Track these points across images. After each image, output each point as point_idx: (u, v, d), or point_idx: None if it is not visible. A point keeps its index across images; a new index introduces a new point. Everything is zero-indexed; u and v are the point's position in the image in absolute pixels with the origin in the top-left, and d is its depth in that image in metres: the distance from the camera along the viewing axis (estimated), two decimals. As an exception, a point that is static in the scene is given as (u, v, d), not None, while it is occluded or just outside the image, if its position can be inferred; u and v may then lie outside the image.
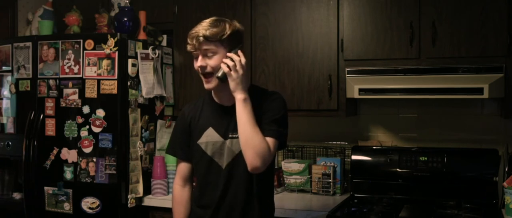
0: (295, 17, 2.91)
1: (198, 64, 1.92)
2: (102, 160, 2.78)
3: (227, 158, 1.97)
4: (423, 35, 2.64)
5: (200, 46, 1.89)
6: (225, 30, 1.89)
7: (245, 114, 1.86)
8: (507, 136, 2.79)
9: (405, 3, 2.67)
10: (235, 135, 1.93)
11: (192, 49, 1.91)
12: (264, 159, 1.84)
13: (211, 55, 1.89)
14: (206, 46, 1.88)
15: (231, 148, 1.96)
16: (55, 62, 2.88)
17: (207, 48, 1.89)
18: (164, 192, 2.94)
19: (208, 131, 2.00)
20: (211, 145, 1.99)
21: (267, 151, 1.84)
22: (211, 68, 1.91)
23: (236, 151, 1.95)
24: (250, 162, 1.84)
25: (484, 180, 2.71)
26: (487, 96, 2.44)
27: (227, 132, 1.97)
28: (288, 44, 2.93)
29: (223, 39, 1.89)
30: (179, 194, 2.14)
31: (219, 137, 1.98)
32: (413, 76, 2.61)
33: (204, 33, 1.87)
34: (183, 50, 3.19)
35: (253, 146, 1.83)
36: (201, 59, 1.91)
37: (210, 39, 1.87)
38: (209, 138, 2.00)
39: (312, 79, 2.87)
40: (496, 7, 2.52)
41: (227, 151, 1.97)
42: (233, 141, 1.95)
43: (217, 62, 1.89)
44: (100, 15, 3.15)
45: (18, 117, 3.02)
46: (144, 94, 2.91)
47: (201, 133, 2.01)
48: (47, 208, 2.90)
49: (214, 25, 1.89)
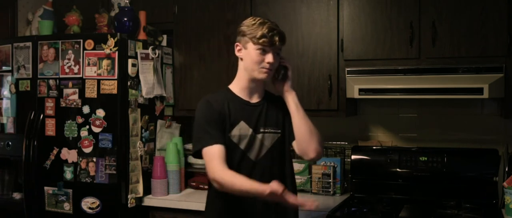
0: (295, 17, 2.91)
1: (270, 60, 1.98)
2: (102, 160, 2.78)
3: (259, 152, 2.04)
4: (423, 35, 2.63)
5: (278, 45, 2.00)
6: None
7: (301, 108, 2.05)
8: (507, 136, 2.79)
9: (405, 3, 2.67)
10: (266, 130, 2.05)
11: (269, 44, 1.97)
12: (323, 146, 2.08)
13: (278, 55, 2.02)
14: (279, 46, 2.01)
15: (264, 142, 2.04)
16: (55, 62, 2.88)
17: (280, 48, 2.02)
18: (164, 192, 2.94)
19: (240, 124, 2.03)
20: (243, 138, 2.02)
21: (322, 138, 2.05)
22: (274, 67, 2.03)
23: (268, 145, 2.04)
24: (315, 148, 2.02)
25: (484, 180, 2.71)
26: (487, 96, 2.44)
27: (258, 126, 2.04)
28: (288, 44, 2.89)
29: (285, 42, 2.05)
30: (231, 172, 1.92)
31: (251, 130, 2.03)
32: (413, 76, 2.61)
33: (282, 34, 2.01)
34: (183, 50, 3.19)
35: (316, 134, 2.03)
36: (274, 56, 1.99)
37: (284, 41, 2.02)
38: (242, 131, 2.03)
39: (312, 79, 2.87)
40: (496, 7, 2.52)
41: (259, 145, 2.04)
42: (265, 136, 2.05)
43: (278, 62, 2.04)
44: (100, 15, 3.15)
45: (18, 117, 3.02)
46: (144, 94, 2.91)
47: (233, 126, 2.03)
48: (47, 208, 2.90)
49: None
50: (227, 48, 3.05)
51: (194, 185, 3.16)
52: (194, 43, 3.15)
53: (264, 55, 1.98)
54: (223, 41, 3.07)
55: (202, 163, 3.18)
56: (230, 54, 3.04)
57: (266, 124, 2.05)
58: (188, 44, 3.17)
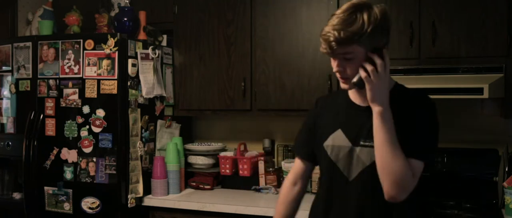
0: (295, 17, 2.91)
1: (335, 69, 1.62)
2: (102, 160, 2.78)
3: (356, 169, 1.64)
4: (423, 35, 2.63)
5: (336, 51, 1.56)
6: (363, 26, 1.52)
7: (383, 131, 1.51)
8: (507, 136, 2.79)
9: (405, 3, 2.67)
10: (367, 142, 1.61)
11: (326, 53, 1.60)
12: (404, 188, 1.52)
13: (349, 60, 1.57)
14: (342, 50, 1.55)
15: (361, 158, 1.63)
16: (55, 62, 2.88)
17: (344, 52, 1.56)
18: (164, 192, 2.94)
19: (337, 133, 1.69)
20: (337, 150, 1.67)
21: (409, 178, 1.52)
22: (348, 74, 1.60)
23: (367, 162, 1.61)
24: (387, 191, 1.53)
25: (484, 180, 2.71)
26: (487, 96, 2.44)
27: (358, 137, 1.64)
28: (288, 44, 2.93)
29: (363, 38, 1.53)
30: (285, 192, 1.88)
31: (348, 142, 1.66)
32: (413, 76, 2.61)
33: (336, 37, 1.52)
34: (183, 50, 3.19)
35: (391, 172, 1.50)
36: (338, 63, 1.59)
37: (346, 42, 1.53)
38: (336, 141, 1.68)
39: (312, 79, 2.87)
40: (496, 7, 2.52)
41: (356, 160, 1.64)
42: (365, 150, 1.62)
43: (355, 66, 1.56)
44: (100, 15, 3.15)
45: (18, 117, 3.02)
46: (144, 94, 2.91)
47: (328, 134, 1.71)
48: (47, 208, 2.90)
49: (348, 22, 1.52)
50: (227, 48, 3.06)
51: (194, 185, 3.16)
52: (194, 43, 3.15)
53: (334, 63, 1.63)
54: (223, 41, 3.07)
55: (202, 163, 3.20)
56: (230, 54, 3.06)
57: (369, 134, 1.57)
58: (188, 44, 3.17)
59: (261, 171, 3.10)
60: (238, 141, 3.25)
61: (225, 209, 2.73)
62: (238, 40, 3.04)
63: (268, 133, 3.31)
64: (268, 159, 3.17)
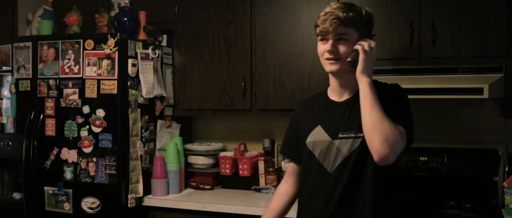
0: (295, 17, 2.91)
1: (328, 48, 1.71)
2: (102, 160, 2.78)
3: (336, 161, 1.73)
4: (423, 35, 2.63)
5: (335, 30, 1.68)
6: (362, 16, 1.72)
7: (370, 96, 1.62)
8: (507, 136, 2.79)
9: (405, 3, 2.67)
10: (345, 134, 1.71)
11: (324, 31, 1.71)
12: (394, 146, 1.57)
13: (345, 40, 1.70)
14: (342, 31, 1.69)
15: (341, 149, 1.72)
16: (55, 62, 2.88)
17: (342, 33, 1.69)
18: (164, 192, 2.94)
19: (317, 129, 1.79)
20: (317, 145, 1.77)
21: (398, 136, 1.59)
22: (340, 55, 1.71)
23: (346, 153, 1.70)
24: (378, 150, 1.58)
25: (484, 180, 2.71)
26: (487, 96, 2.44)
27: (337, 130, 1.74)
28: (288, 45, 2.93)
29: (359, 25, 1.71)
30: (281, 187, 2.02)
31: (327, 136, 1.75)
32: (413, 76, 2.61)
33: (342, 16, 1.67)
34: (183, 50, 3.19)
35: (382, 130, 1.57)
36: (332, 43, 1.70)
37: (347, 23, 1.68)
38: (316, 137, 1.78)
39: (312, 79, 2.87)
40: (496, 7, 2.52)
41: (336, 153, 1.73)
42: (343, 142, 1.71)
43: (348, 49, 1.69)
44: (100, 15, 3.15)
45: (18, 117, 3.02)
46: (144, 94, 2.91)
47: (309, 132, 1.80)
48: (47, 208, 2.90)
49: (349, 9, 1.70)
50: (227, 48, 3.06)
51: (194, 185, 3.16)
52: (194, 43, 3.15)
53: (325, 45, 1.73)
54: (223, 41, 3.07)
55: (202, 163, 3.20)
56: (230, 54, 3.06)
57: (347, 127, 1.71)
58: (188, 44, 3.17)
59: (261, 171, 3.09)
60: (238, 141, 3.25)
61: (225, 209, 2.73)
62: (238, 40, 3.04)
63: (268, 133, 3.31)
64: (268, 159, 3.17)
